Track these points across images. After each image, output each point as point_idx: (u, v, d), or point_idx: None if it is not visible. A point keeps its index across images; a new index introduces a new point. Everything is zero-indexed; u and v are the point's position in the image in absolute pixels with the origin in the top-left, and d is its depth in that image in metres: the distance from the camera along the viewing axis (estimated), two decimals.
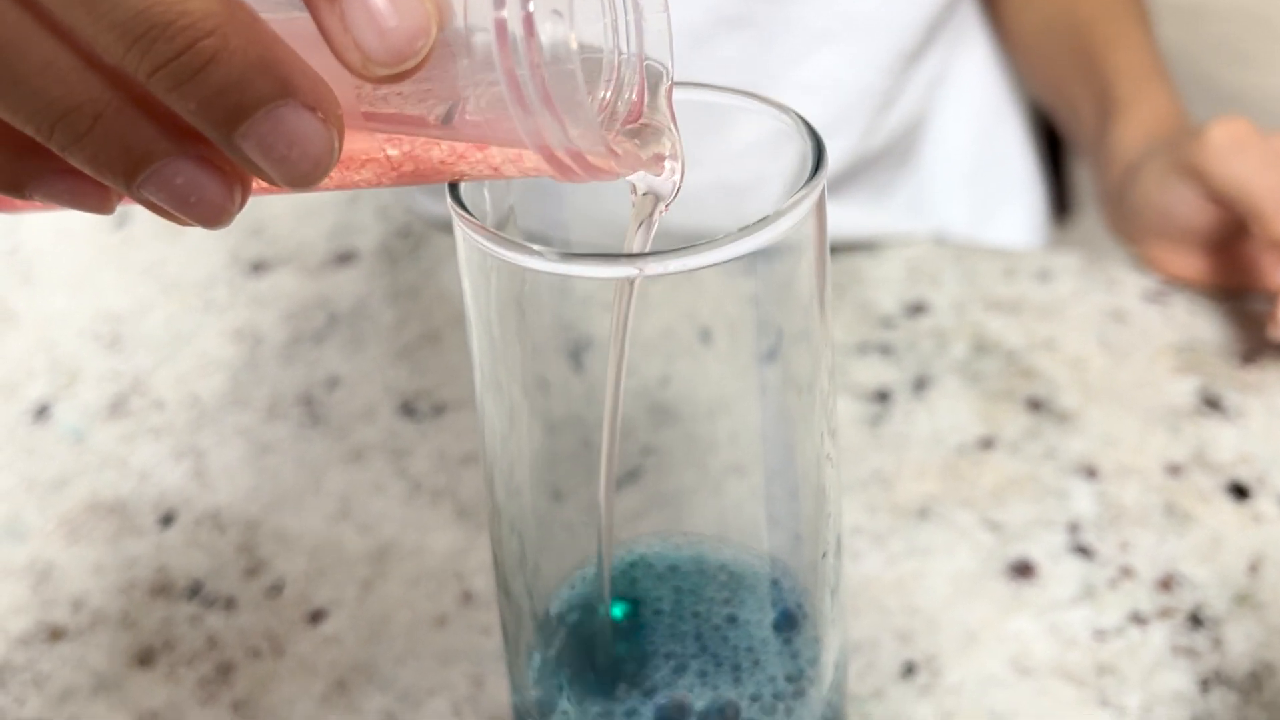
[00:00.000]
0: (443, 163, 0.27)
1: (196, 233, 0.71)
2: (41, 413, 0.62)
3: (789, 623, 0.33)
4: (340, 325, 0.65)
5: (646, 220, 0.30)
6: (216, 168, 0.26)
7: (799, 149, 0.30)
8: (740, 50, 0.64)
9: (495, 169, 0.28)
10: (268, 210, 0.72)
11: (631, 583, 0.35)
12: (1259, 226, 0.56)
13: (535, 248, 0.26)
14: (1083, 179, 0.85)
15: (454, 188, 0.29)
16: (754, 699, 0.32)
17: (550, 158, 0.26)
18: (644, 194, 0.30)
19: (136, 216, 0.74)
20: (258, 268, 0.69)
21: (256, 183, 0.27)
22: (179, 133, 0.25)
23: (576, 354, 0.36)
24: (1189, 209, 0.60)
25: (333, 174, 0.26)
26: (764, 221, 0.26)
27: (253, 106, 0.24)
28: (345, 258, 0.69)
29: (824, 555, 0.33)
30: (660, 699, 0.32)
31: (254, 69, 0.24)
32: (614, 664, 0.33)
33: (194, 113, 0.24)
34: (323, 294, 0.67)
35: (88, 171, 0.25)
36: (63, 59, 0.25)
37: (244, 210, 0.27)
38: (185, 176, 0.25)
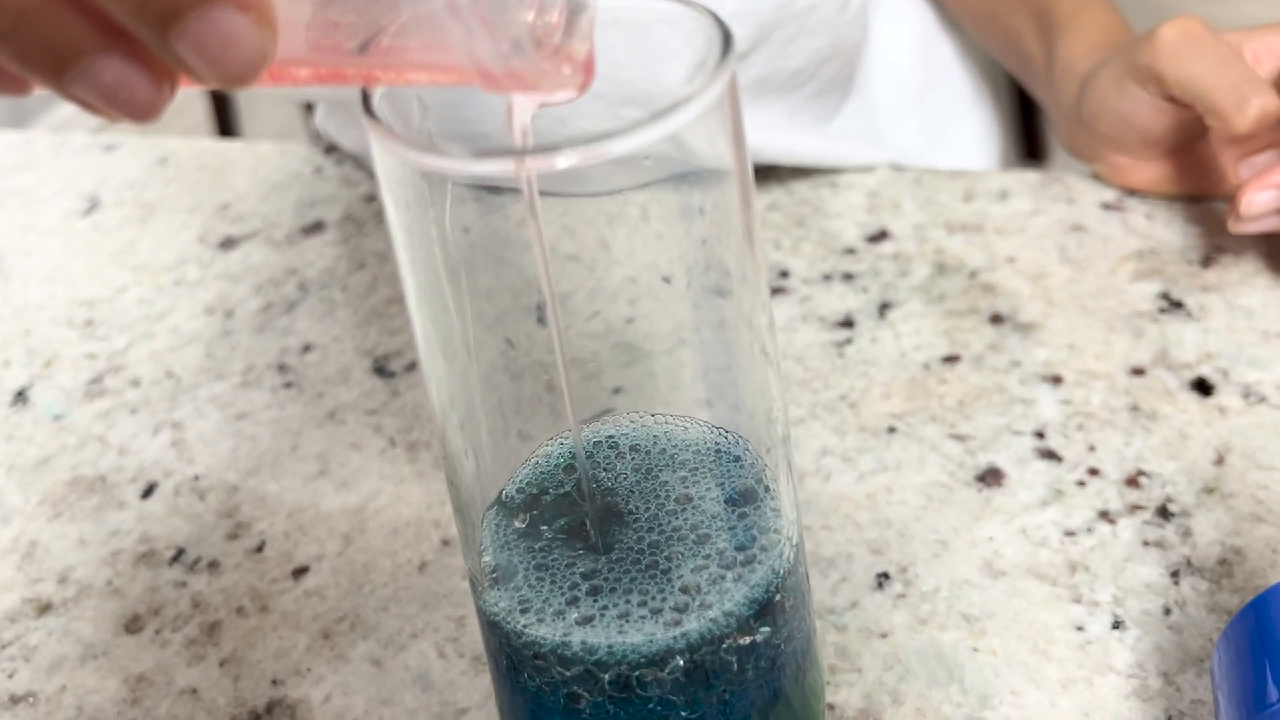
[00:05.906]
0: (375, 69, 0.28)
1: (166, 215, 0.71)
2: (19, 397, 0.62)
3: (745, 499, 0.34)
4: (311, 293, 0.65)
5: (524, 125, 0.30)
6: (145, 63, 0.26)
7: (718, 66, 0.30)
8: None
9: (429, 78, 0.28)
10: (234, 188, 0.72)
11: (591, 458, 0.35)
12: (1217, 122, 0.56)
13: (450, 147, 0.27)
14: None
15: (367, 103, 0.29)
16: (699, 570, 0.33)
17: (483, 73, 0.27)
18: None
19: (105, 203, 0.74)
20: (226, 244, 0.69)
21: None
22: (106, 30, 0.25)
23: (508, 270, 0.36)
24: (1147, 112, 0.60)
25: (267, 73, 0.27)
26: (673, 106, 0.27)
27: (187, 7, 0.24)
28: (313, 228, 0.70)
29: (768, 450, 0.34)
30: (604, 558, 0.33)
31: None
32: (568, 527, 0.34)
33: (128, 14, 0.24)
34: (292, 264, 0.67)
35: (15, 70, 0.25)
36: None
37: (210, 189, 0.27)
38: (114, 74, 0.25)
